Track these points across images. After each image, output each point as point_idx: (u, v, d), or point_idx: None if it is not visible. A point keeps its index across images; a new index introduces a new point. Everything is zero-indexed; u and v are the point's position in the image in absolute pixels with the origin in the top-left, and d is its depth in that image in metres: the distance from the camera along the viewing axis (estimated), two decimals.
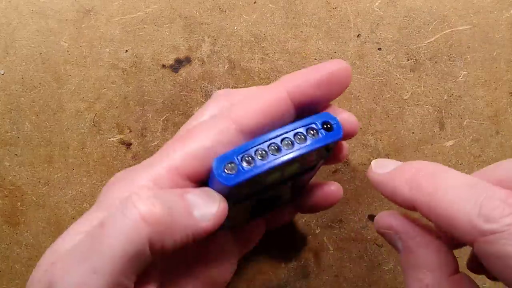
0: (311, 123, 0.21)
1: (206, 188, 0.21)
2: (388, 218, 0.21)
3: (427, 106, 0.31)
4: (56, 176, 0.31)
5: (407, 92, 0.31)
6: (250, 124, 0.21)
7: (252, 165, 0.20)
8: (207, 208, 0.20)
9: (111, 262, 0.17)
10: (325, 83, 0.22)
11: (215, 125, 0.21)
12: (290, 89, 0.21)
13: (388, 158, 0.31)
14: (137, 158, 0.31)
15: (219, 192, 0.21)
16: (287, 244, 0.31)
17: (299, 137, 0.20)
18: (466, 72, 0.31)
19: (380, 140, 0.31)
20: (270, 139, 0.20)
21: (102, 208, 0.20)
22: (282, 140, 0.20)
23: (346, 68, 0.22)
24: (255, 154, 0.20)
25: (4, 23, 0.31)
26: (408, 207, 0.20)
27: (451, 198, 0.17)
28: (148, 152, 0.31)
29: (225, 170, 0.19)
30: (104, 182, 0.31)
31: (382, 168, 0.21)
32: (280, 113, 0.21)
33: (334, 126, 0.21)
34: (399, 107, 0.31)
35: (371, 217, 0.31)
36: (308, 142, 0.20)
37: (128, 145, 0.31)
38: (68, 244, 0.19)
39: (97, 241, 0.17)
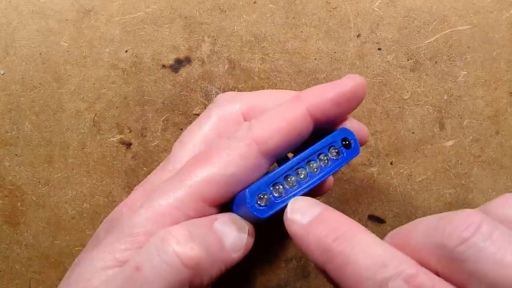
0: (332, 142, 0.21)
1: (232, 215, 0.21)
2: None
3: (427, 106, 0.31)
4: (56, 176, 0.31)
5: (407, 92, 0.31)
6: (272, 144, 0.20)
7: (283, 194, 0.20)
8: (235, 237, 0.20)
9: None
10: (344, 99, 0.21)
11: (236, 147, 0.20)
12: (310, 106, 0.21)
13: (388, 158, 0.31)
14: (137, 158, 0.31)
15: (246, 218, 0.21)
16: (287, 244, 0.31)
17: (322, 158, 0.21)
18: (466, 72, 0.31)
19: (380, 140, 0.31)
20: (298, 163, 0.21)
21: (123, 239, 0.19)
22: (307, 163, 0.21)
23: (362, 83, 0.22)
24: (284, 181, 0.20)
25: (4, 23, 0.31)
26: (320, 270, 0.19)
27: (358, 276, 0.16)
28: (148, 152, 0.31)
29: (258, 202, 0.20)
30: (104, 182, 0.31)
31: (301, 214, 0.19)
32: (301, 130, 0.21)
33: (352, 142, 0.22)
34: (399, 107, 0.31)
35: (371, 217, 0.31)
36: (331, 163, 0.21)
37: (128, 145, 0.31)
38: (96, 280, 0.18)
39: (135, 286, 0.17)
